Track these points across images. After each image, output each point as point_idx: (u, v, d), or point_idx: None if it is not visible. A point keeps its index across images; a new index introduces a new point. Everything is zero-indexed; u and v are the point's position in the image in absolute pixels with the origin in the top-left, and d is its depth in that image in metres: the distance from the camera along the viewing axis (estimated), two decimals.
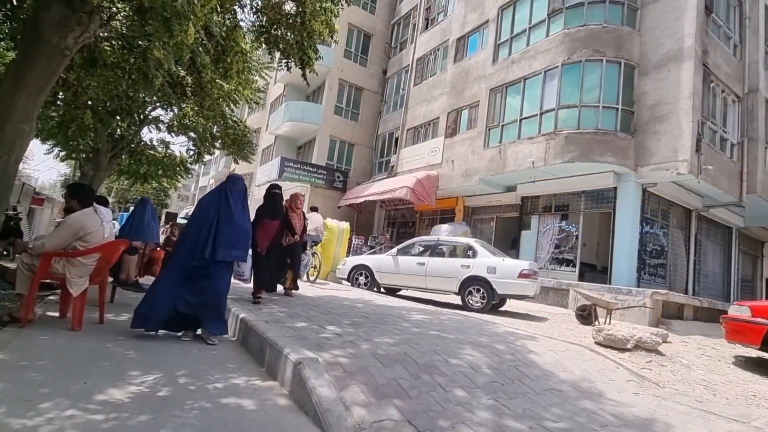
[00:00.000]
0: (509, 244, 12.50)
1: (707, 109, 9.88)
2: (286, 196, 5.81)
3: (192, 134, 11.20)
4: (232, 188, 3.88)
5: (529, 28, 11.62)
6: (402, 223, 16.96)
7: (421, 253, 8.63)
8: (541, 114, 10.66)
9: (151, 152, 12.21)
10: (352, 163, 18.80)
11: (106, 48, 6.19)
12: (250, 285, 5.69)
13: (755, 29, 11.41)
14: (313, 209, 8.98)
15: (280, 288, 5.94)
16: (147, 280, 4.99)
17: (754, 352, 5.69)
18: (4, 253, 5.92)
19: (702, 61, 9.53)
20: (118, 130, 10.50)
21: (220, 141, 11.33)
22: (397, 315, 5.16)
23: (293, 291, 6.06)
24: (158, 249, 6.50)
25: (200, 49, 6.16)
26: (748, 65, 11.22)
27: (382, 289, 9.11)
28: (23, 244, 3.61)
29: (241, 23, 7.00)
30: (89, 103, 8.09)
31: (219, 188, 3.89)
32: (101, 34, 5.48)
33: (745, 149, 10.97)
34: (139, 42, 5.65)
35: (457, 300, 7.86)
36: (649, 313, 7.44)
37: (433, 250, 8.52)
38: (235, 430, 2.06)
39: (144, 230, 5.48)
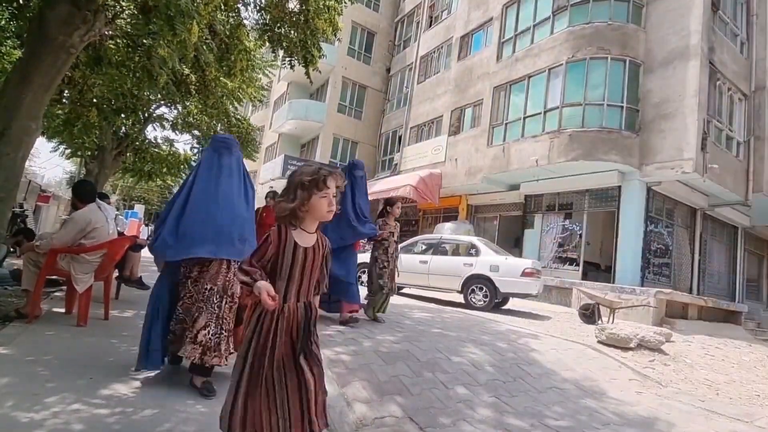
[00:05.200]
0: (512, 243, 12.47)
1: (713, 107, 9.80)
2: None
3: (196, 132, 11.26)
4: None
5: (534, 26, 11.55)
6: (405, 221, 16.96)
7: (424, 252, 8.63)
8: (545, 112, 10.61)
9: (156, 150, 12.28)
10: None
11: (111, 46, 6.22)
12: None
13: (762, 26, 11.28)
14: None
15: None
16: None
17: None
18: (11, 250, 5.97)
19: (708, 58, 9.45)
20: (123, 128, 10.56)
21: None
22: (399, 313, 5.18)
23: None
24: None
25: (204, 47, 6.18)
26: (754, 63, 11.11)
27: None
28: (30, 246, 3.63)
29: (245, 21, 7.01)
30: (94, 101, 8.14)
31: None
32: (106, 33, 5.51)
33: (751, 148, 10.87)
34: (144, 40, 5.66)
35: (459, 298, 7.86)
36: (653, 312, 7.40)
37: (436, 248, 8.52)
38: None
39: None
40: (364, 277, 8.78)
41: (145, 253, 5.82)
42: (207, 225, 2.37)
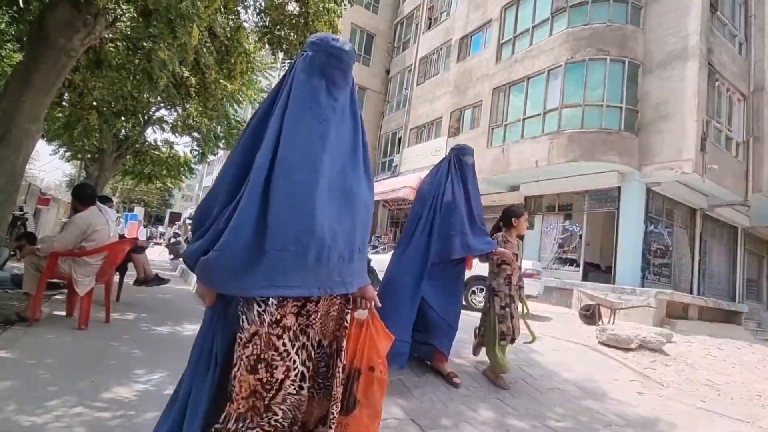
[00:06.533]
0: None
1: (712, 108, 9.82)
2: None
3: (196, 134, 11.28)
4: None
5: (533, 27, 11.58)
6: (405, 222, 16.96)
7: None
8: (544, 113, 10.62)
9: (156, 152, 12.32)
10: None
11: (112, 49, 6.24)
12: None
13: (761, 27, 11.31)
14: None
15: None
16: None
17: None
18: (12, 253, 5.97)
19: (707, 59, 9.47)
20: (123, 130, 10.59)
21: (223, 141, 11.39)
22: None
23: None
24: None
25: (204, 49, 6.21)
26: (753, 63, 11.13)
27: None
28: (30, 249, 3.64)
29: (245, 24, 7.03)
30: (94, 103, 8.15)
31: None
32: (106, 36, 5.53)
33: (750, 148, 10.89)
34: (144, 43, 5.69)
35: None
36: (654, 312, 7.40)
37: None
38: None
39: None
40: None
41: (150, 253, 5.82)
42: (312, 228, 1.21)
